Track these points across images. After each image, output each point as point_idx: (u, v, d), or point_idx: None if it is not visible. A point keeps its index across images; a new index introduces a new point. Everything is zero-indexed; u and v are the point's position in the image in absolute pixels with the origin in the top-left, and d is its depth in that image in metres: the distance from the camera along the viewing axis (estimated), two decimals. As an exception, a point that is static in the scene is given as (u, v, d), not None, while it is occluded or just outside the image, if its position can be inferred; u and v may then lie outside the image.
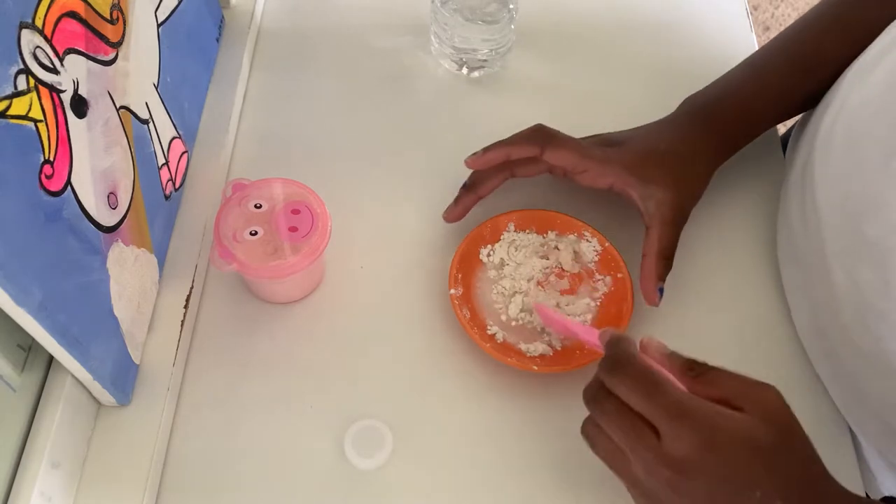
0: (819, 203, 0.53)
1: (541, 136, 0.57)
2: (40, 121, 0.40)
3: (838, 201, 0.51)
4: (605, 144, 0.58)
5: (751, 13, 0.77)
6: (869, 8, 0.58)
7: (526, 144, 0.57)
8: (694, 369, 0.42)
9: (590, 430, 0.44)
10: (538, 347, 0.55)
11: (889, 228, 0.46)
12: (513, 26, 0.68)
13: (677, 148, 0.57)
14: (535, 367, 0.54)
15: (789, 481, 0.39)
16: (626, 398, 0.41)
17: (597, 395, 0.43)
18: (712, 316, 0.59)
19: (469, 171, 0.59)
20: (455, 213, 0.59)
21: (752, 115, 0.61)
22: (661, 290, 0.55)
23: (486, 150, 0.57)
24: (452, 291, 0.56)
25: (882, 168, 0.47)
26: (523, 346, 0.55)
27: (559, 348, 0.55)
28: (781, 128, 0.69)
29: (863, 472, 0.54)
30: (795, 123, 0.68)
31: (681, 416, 0.39)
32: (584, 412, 0.45)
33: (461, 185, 0.60)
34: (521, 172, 0.59)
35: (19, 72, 0.38)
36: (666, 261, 0.55)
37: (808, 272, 0.55)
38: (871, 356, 0.48)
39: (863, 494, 0.53)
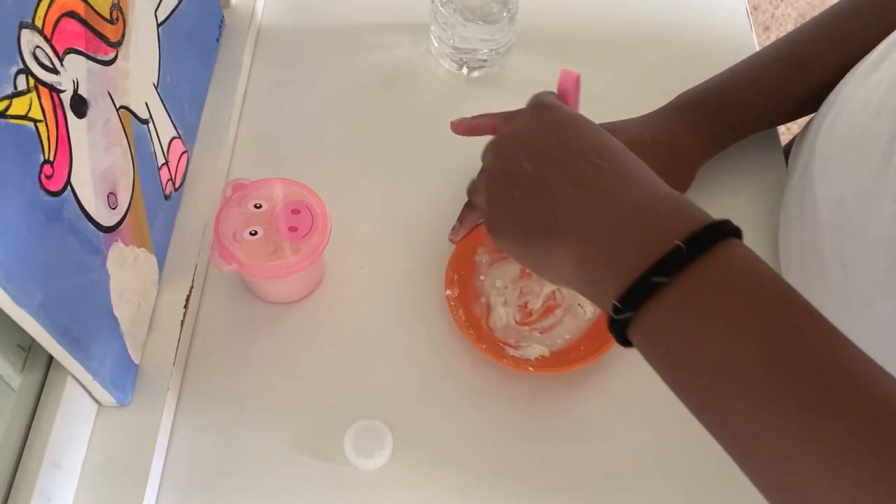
0: (818, 202, 0.53)
1: None
2: (40, 121, 0.40)
3: (837, 200, 0.51)
4: None
5: (751, 13, 0.77)
6: (863, 17, 0.59)
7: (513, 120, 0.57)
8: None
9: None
10: (534, 350, 0.55)
11: (889, 226, 0.46)
12: (513, 26, 0.68)
13: (663, 138, 0.58)
14: (531, 369, 0.54)
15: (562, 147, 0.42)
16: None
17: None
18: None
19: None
20: (461, 233, 0.59)
21: (739, 110, 0.61)
22: None
23: (474, 117, 0.56)
24: (448, 292, 0.56)
25: (882, 166, 0.47)
26: (518, 351, 0.55)
27: (555, 350, 0.56)
28: (785, 133, 0.69)
29: None
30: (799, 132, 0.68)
31: (491, 143, 0.46)
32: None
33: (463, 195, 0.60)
34: None
35: (19, 72, 0.38)
36: None
37: (806, 271, 0.55)
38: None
39: None
